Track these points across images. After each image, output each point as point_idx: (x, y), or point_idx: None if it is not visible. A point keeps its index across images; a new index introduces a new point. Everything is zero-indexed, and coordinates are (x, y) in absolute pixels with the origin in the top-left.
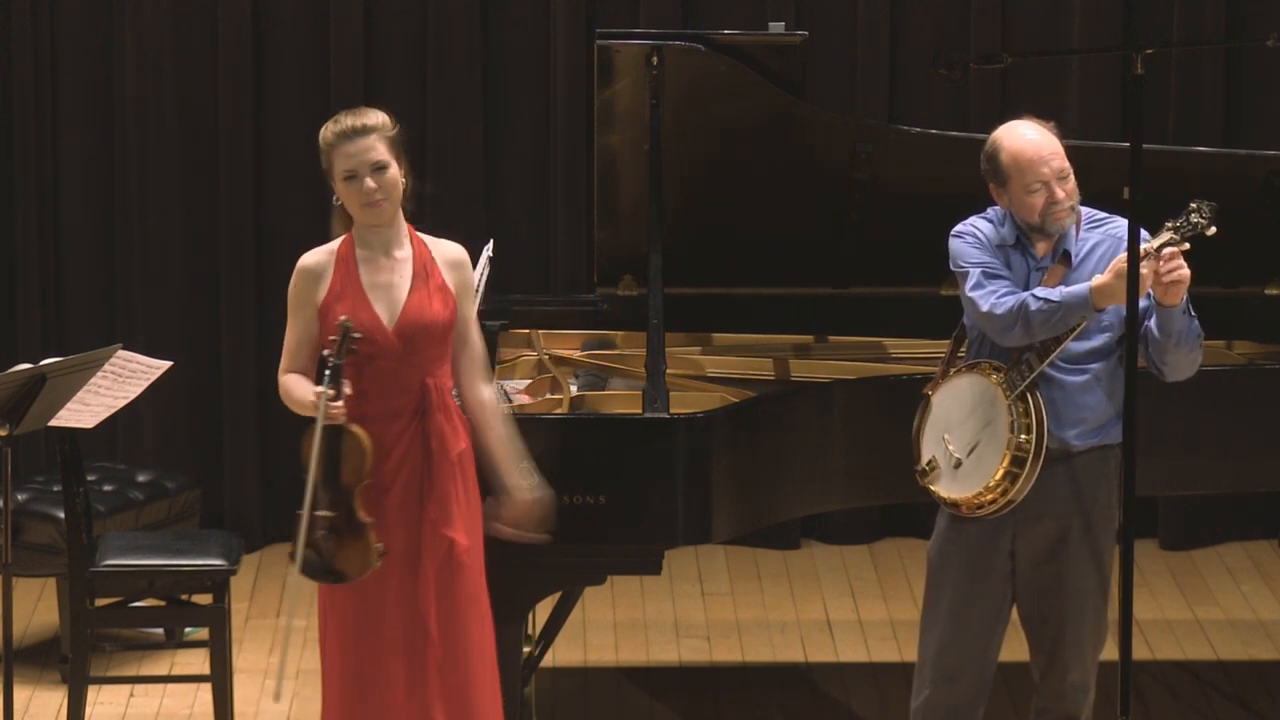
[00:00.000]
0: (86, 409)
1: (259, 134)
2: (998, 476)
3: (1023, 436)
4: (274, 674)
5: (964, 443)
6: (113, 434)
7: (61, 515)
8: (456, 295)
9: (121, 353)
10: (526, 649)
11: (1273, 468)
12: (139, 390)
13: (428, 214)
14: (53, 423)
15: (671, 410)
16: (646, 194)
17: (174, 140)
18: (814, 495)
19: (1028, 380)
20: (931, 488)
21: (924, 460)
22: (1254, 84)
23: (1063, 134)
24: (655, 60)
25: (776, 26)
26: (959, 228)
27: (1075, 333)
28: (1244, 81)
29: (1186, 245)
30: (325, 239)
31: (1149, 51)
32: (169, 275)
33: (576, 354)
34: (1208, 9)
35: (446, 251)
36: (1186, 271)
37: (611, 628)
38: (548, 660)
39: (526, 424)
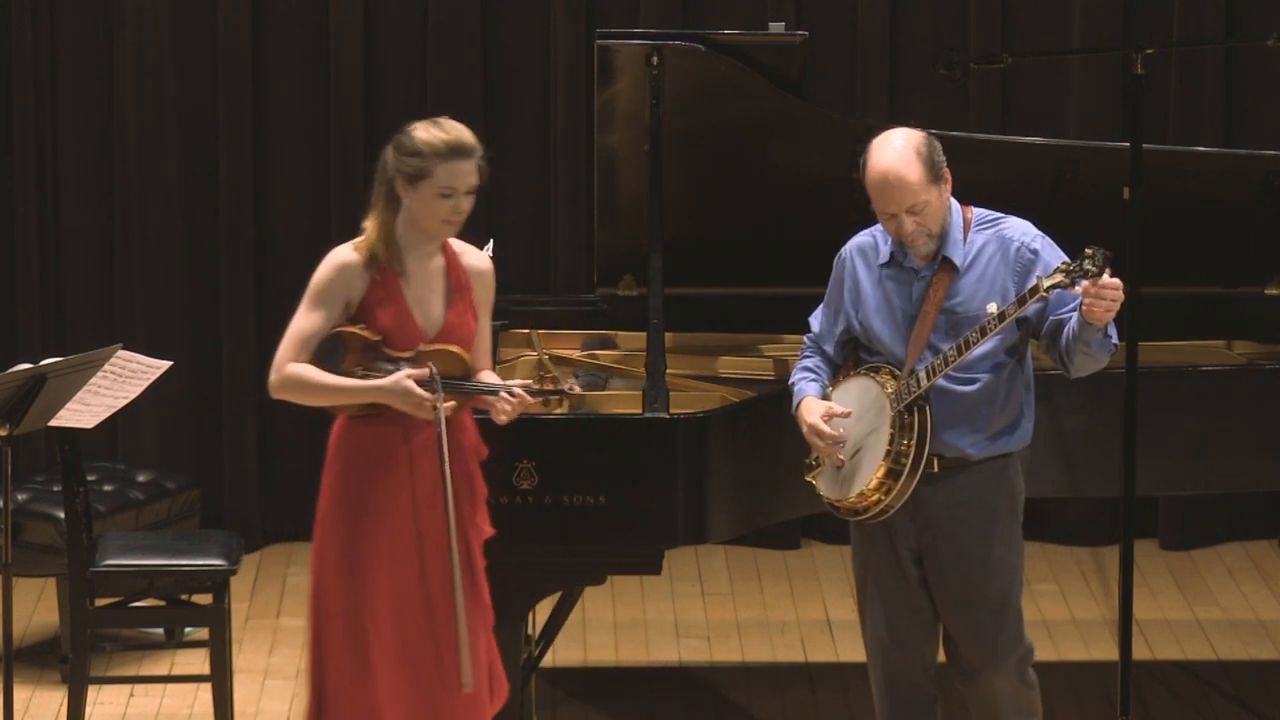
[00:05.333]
0: (86, 409)
1: (259, 134)
2: (872, 485)
3: (903, 445)
4: (275, 674)
5: (849, 445)
6: (113, 434)
7: (61, 515)
8: (478, 307)
9: (121, 353)
10: (526, 649)
11: (1273, 468)
12: (139, 390)
13: None
14: (53, 423)
15: (671, 410)
16: (646, 194)
17: (174, 141)
18: (814, 495)
19: (914, 396)
20: (814, 484)
21: (812, 454)
22: (1254, 84)
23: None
24: (655, 60)
25: (776, 26)
26: (846, 245)
27: (970, 352)
28: (1244, 81)
29: (1078, 289)
30: (326, 239)
31: (1149, 51)
32: (169, 275)
33: (576, 354)
34: (1208, 9)
35: (473, 261)
36: (1116, 307)
37: (611, 628)
38: (548, 660)
39: (526, 424)
